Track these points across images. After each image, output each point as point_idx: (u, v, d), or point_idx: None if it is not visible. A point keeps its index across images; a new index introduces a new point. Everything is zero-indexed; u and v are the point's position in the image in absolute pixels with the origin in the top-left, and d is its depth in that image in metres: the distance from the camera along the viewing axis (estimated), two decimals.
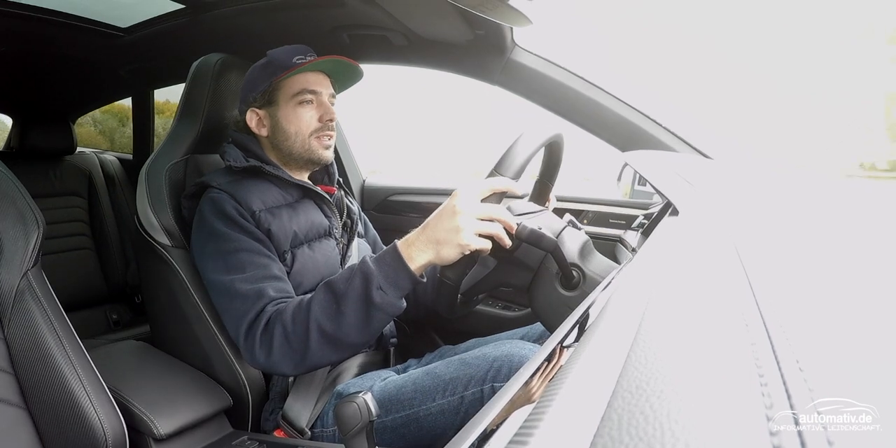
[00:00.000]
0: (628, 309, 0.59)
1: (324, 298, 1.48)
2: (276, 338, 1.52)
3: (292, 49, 1.84)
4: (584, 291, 1.53)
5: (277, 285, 1.63)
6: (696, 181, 1.37)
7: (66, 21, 2.57)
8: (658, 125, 2.11)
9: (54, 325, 1.40)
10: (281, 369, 1.55)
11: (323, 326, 1.46)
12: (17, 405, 1.36)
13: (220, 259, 1.67)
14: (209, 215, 1.71)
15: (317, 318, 1.46)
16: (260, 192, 1.78)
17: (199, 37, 2.62)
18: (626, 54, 7.00)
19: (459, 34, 2.18)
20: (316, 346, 1.48)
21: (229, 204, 1.71)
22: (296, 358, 1.51)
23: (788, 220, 0.95)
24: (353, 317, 1.44)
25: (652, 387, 0.36)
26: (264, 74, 1.84)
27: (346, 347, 1.50)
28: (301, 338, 1.48)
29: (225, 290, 1.63)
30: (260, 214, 1.73)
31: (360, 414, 1.12)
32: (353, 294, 1.44)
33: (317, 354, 1.50)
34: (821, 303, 0.50)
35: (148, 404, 1.57)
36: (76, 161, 3.68)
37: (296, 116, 1.83)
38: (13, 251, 1.42)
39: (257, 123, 1.88)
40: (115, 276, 3.67)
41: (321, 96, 1.84)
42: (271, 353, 1.53)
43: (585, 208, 2.49)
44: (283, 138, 1.85)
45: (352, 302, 1.44)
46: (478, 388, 1.50)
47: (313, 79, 1.84)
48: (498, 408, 0.59)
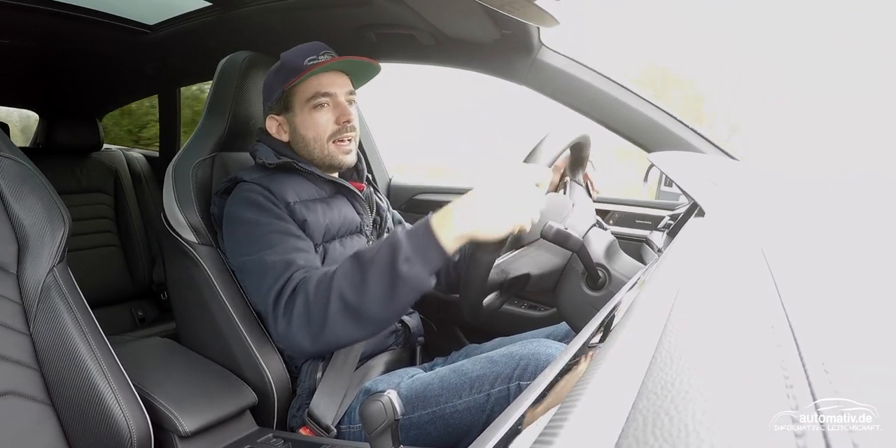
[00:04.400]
0: (654, 310, 0.59)
1: (350, 267, 1.43)
2: (297, 306, 1.47)
3: (305, 49, 1.81)
4: (609, 291, 1.54)
5: (307, 257, 1.61)
6: (722, 182, 1.37)
7: (93, 18, 2.59)
8: (685, 126, 2.10)
9: (80, 322, 1.41)
10: (298, 342, 1.49)
11: (345, 295, 1.40)
12: (42, 401, 1.37)
13: (252, 241, 1.65)
14: (240, 206, 1.71)
15: (339, 287, 1.41)
16: (294, 186, 1.77)
17: (226, 34, 2.63)
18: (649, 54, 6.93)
19: (486, 34, 2.17)
20: (335, 316, 1.41)
21: (261, 195, 1.70)
22: (314, 329, 1.45)
23: (815, 223, 0.95)
24: (377, 288, 1.37)
25: (677, 388, 0.37)
26: (277, 81, 1.83)
27: (367, 322, 1.43)
28: (321, 307, 1.43)
29: (254, 266, 1.60)
30: (295, 206, 1.72)
31: (385, 412, 1.12)
32: (379, 263, 1.37)
33: (335, 326, 1.43)
34: (847, 306, 0.50)
35: (173, 401, 1.57)
36: (102, 158, 3.71)
37: (312, 121, 1.81)
38: (39, 247, 1.43)
39: (277, 130, 1.88)
40: (140, 273, 3.69)
41: (336, 97, 1.81)
42: (291, 322, 1.48)
43: (612, 208, 2.49)
44: (303, 144, 1.84)
45: (376, 271, 1.37)
46: (504, 385, 1.50)
47: (327, 80, 1.81)
48: (524, 407, 0.59)
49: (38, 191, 1.47)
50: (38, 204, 1.46)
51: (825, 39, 5.29)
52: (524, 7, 1.61)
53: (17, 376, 1.34)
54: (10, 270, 1.40)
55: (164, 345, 1.94)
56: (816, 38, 5.34)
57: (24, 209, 1.44)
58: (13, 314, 1.38)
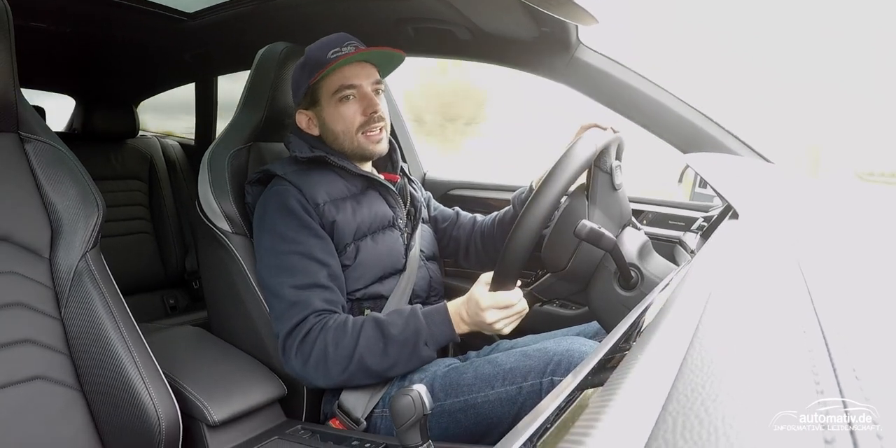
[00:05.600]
0: (686, 311, 0.59)
1: (372, 336, 1.60)
2: (314, 352, 1.59)
3: (328, 41, 1.81)
4: (641, 292, 1.53)
5: (324, 295, 1.66)
6: (757, 185, 1.36)
7: (133, 4, 2.59)
8: (720, 128, 2.08)
9: (111, 308, 1.43)
10: (312, 381, 1.65)
11: (365, 360, 1.59)
12: (71, 386, 1.38)
13: (274, 257, 1.69)
14: (272, 210, 1.73)
15: (361, 353, 1.58)
16: (325, 184, 1.78)
17: (264, 25, 2.63)
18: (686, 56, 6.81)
19: (525, 31, 2.17)
20: (354, 371, 1.60)
21: (294, 197, 1.72)
22: (329, 376, 1.61)
23: (849, 228, 0.94)
24: (395, 358, 1.60)
25: (708, 391, 0.36)
26: (303, 76, 1.83)
27: (378, 378, 1.66)
28: (342, 363, 1.59)
29: (272, 291, 1.69)
30: (324, 207, 1.73)
31: (414, 406, 1.13)
32: (402, 342, 1.59)
33: (351, 379, 1.63)
34: (880, 312, 0.50)
35: (203, 391, 1.58)
36: (138, 145, 3.73)
37: (339, 114, 1.81)
38: (73, 232, 1.44)
39: (307, 124, 1.88)
40: (173, 261, 3.72)
41: (362, 88, 1.81)
42: (307, 364, 1.61)
43: (645, 209, 2.47)
44: (333, 138, 1.85)
45: (398, 348, 1.59)
46: (537, 380, 1.51)
47: (351, 72, 1.80)
48: (556, 404, 0.59)
49: (73, 176, 1.49)
50: (73, 189, 1.47)
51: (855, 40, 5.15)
52: (563, 5, 1.60)
53: (46, 361, 1.36)
54: (44, 255, 1.42)
55: (195, 333, 1.96)
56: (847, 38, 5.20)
57: (58, 194, 1.46)
58: (45, 299, 1.39)
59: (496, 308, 1.52)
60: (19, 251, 1.39)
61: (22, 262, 1.38)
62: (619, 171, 1.70)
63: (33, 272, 1.39)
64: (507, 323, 1.55)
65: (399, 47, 1.79)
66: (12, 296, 1.34)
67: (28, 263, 1.39)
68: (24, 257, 1.39)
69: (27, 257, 1.40)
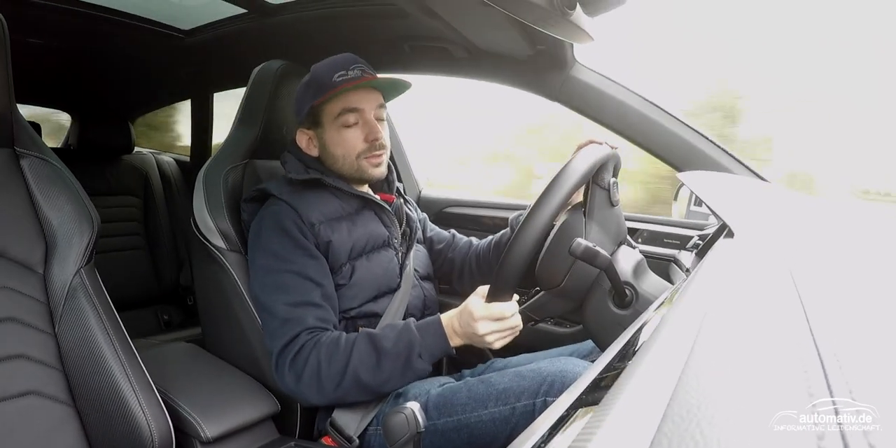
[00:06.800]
0: (681, 330, 0.59)
1: (365, 350, 1.59)
2: (307, 369, 1.59)
3: (335, 63, 1.80)
4: (636, 310, 1.53)
5: (317, 313, 1.66)
6: (752, 204, 1.37)
7: (129, 21, 2.62)
8: (716, 146, 2.09)
9: (105, 324, 1.42)
10: (306, 397, 1.63)
11: (359, 375, 1.57)
12: (64, 402, 1.38)
13: (269, 276, 1.69)
14: (267, 230, 1.73)
15: (355, 367, 1.57)
16: (321, 204, 1.78)
17: (261, 42, 2.65)
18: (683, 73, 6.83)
19: (520, 49, 2.18)
20: (348, 387, 1.59)
21: (289, 218, 1.72)
22: (324, 392, 1.60)
23: (844, 247, 0.95)
24: (388, 373, 1.58)
25: (703, 412, 0.36)
26: (307, 96, 1.82)
27: (373, 393, 1.63)
28: (335, 379, 1.58)
29: (266, 308, 1.68)
30: (319, 227, 1.74)
31: (407, 425, 1.12)
32: (395, 355, 1.58)
33: (346, 395, 1.61)
34: (876, 332, 0.50)
35: (196, 407, 1.58)
36: (133, 161, 3.73)
37: (341, 139, 1.81)
38: (67, 248, 1.44)
39: (307, 144, 1.88)
40: (167, 276, 3.72)
41: (365, 114, 1.80)
42: (300, 381, 1.60)
43: (640, 227, 2.48)
44: (332, 161, 1.85)
45: (391, 361, 1.58)
46: (530, 400, 1.50)
47: (356, 96, 1.79)
48: (548, 424, 0.59)
49: (68, 191, 1.49)
50: (68, 205, 1.48)
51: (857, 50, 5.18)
52: (559, 23, 1.61)
53: (40, 376, 1.36)
54: (38, 270, 1.42)
55: (189, 350, 1.95)
56: None
57: (53, 209, 1.46)
58: (38, 314, 1.39)
59: (489, 320, 1.51)
60: (13, 266, 1.39)
61: (16, 278, 1.38)
62: (615, 188, 1.70)
63: (27, 287, 1.39)
64: (498, 337, 1.54)
65: (396, 65, 1.80)
66: (6, 311, 1.34)
67: (22, 279, 1.39)
68: (18, 272, 1.39)
69: (21, 273, 1.40)
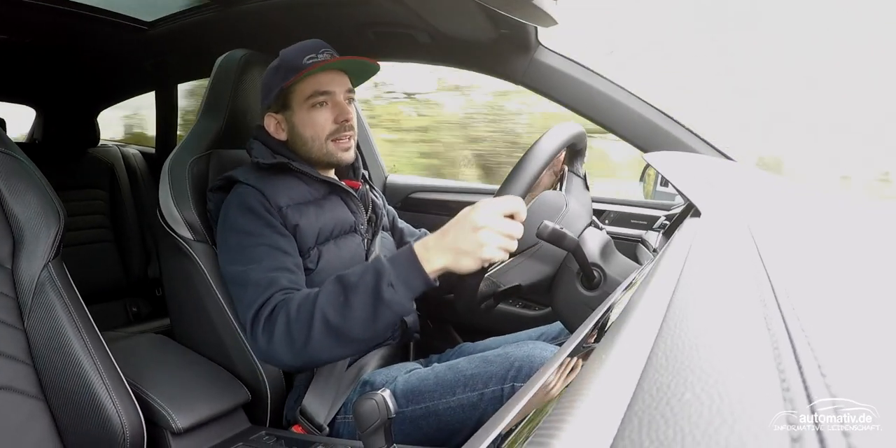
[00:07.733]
0: (649, 310, 0.58)
1: (332, 290, 1.48)
2: (278, 325, 1.51)
3: (304, 47, 1.80)
4: (604, 291, 1.54)
5: (290, 277, 1.63)
6: (718, 183, 1.37)
7: (91, 14, 2.58)
8: (681, 126, 2.10)
9: (74, 317, 1.42)
10: (280, 357, 1.54)
11: (328, 317, 1.45)
12: (34, 397, 1.37)
13: (240, 252, 1.67)
14: (235, 210, 1.71)
15: (322, 308, 1.46)
16: (287, 188, 1.77)
17: (225, 32, 2.63)
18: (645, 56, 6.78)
19: (484, 33, 2.18)
20: (318, 336, 1.46)
21: (256, 199, 1.70)
22: (296, 347, 1.49)
23: (810, 224, 0.95)
24: (359, 310, 1.43)
25: (673, 390, 0.36)
26: (276, 78, 1.81)
27: (348, 342, 1.49)
28: (304, 326, 1.47)
29: (239, 280, 1.64)
30: (287, 210, 1.72)
31: (378, 411, 1.12)
32: (363, 287, 1.43)
33: (317, 345, 1.48)
34: (843, 306, 0.50)
35: (166, 398, 1.57)
36: (99, 154, 3.70)
37: (311, 120, 1.80)
38: (34, 242, 1.43)
39: (275, 128, 1.87)
40: (135, 268, 3.70)
41: (335, 96, 1.80)
42: (272, 339, 1.52)
43: (607, 208, 2.49)
44: (301, 143, 1.84)
45: (360, 295, 1.43)
46: (498, 386, 1.51)
47: (326, 79, 1.79)
48: (518, 407, 0.59)
49: (34, 186, 1.48)
50: (34, 199, 1.46)
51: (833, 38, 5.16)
52: (522, 7, 1.61)
53: (10, 371, 1.35)
54: (6, 265, 1.41)
55: (158, 341, 1.94)
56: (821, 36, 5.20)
57: (19, 204, 1.45)
58: (7, 309, 1.38)
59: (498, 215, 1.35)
60: None
61: None
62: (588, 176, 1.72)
63: None
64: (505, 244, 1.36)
65: (360, 52, 1.79)
66: None
67: None
68: None
69: None
